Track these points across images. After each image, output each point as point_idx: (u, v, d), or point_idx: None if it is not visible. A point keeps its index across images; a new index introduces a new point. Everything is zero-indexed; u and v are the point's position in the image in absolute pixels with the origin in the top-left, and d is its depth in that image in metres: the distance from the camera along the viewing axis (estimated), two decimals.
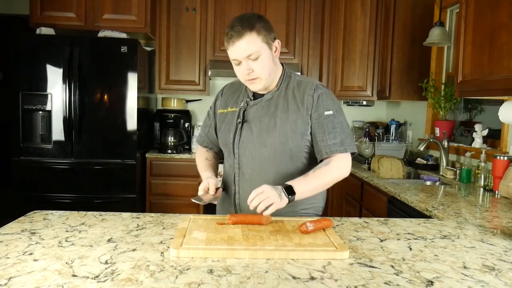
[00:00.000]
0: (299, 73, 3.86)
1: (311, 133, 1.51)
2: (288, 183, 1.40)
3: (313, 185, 1.44)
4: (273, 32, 1.49)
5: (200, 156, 1.73)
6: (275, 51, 1.50)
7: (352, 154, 1.53)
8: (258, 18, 1.45)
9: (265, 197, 1.32)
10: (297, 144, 1.50)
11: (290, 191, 1.37)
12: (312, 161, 1.55)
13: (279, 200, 1.34)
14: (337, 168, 1.48)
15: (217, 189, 1.50)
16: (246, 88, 1.60)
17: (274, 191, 1.34)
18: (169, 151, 3.75)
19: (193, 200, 1.45)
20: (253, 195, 1.33)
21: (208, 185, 1.49)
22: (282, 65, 1.58)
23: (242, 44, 1.40)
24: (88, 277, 0.95)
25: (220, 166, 1.74)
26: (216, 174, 1.65)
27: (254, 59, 1.43)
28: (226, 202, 1.62)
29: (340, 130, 1.49)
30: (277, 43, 1.50)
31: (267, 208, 1.32)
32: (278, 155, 1.50)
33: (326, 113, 1.48)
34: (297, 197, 1.39)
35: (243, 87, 1.62)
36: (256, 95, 1.58)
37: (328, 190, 3.92)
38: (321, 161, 1.51)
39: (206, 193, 1.49)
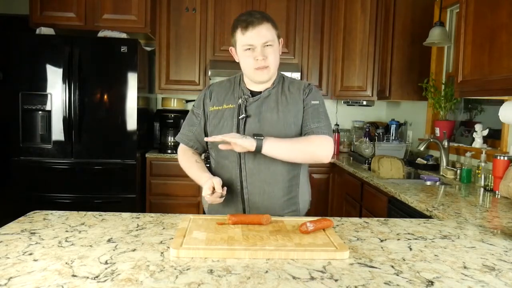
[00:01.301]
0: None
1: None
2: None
3: (286, 143, 1.48)
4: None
5: (188, 159, 1.67)
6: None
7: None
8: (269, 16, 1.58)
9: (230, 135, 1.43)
10: (299, 135, 1.57)
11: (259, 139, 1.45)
12: None
13: (244, 139, 1.41)
14: (314, 143, 1.52)
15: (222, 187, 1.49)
16: (240, 86, 1.63)
17: (240, 135, 1.45)
18: (169, 151, 3.75)
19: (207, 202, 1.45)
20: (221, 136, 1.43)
21: (213, 184, 1.46)
22: None
23: (262, 30, 1.50)
24: (88, 277, 0.95)
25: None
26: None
27: (269, 47, 1.51)
28: (229, 200, 1.61)
29: (323, 118, 1.58)
30: (281, 41, 1.60)
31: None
32: None
33: (313, 102, 1.59)
34: (267, 146, 1.44)
35: (235, 85, 1.65)
36: (252, 93, 1.61)
37: (328, 190, 3.89)
38: None
39: (212, 193, 1.46)
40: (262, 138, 1.44)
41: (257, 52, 1.50)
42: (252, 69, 1.53)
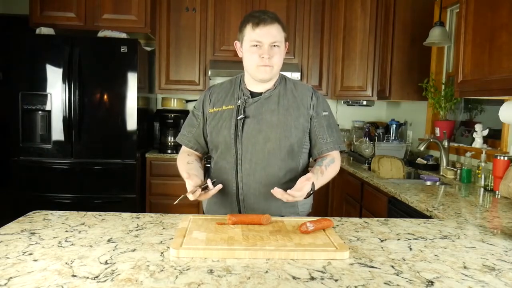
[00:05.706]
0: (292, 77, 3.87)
1: (310, 130, 1.61)
2: (312, 179, 1.43)
3: (325, 181, 1.57)
4: None
5: (181, 160, 1.65)
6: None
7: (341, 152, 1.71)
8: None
9: (302, 186, 1.39)
10: (299, 139, 1.58)
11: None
12: (308, 157, 1.67)
13: (301, 197, 1.41)
14: (338, 165, 1.64)
15: (203, 187, 1.43)
16: (240, 86, 1.61)
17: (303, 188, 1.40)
18: (169, 151, 3.75)
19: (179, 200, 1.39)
20: (304, 179, 1.40)
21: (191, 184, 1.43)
22: None
23: (273, 30, 1.51)
24: (88, 277, 0.95)
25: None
26: (201, 174, 1.57)
27: (276, 47, 1.52)
28: (225, 201, 1.61)
29: (335, 130, 1.65)
30: (287, 44, 1.60)
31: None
32: (282, 149, 1.55)
33: (323, 113, 1.62)
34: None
35: (236, 86, 1.63)
36: (253, 94, 1.60)
37: (328, 190, 3.90)
38: (315, 158, 1.65)
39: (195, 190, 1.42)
40: (314, 189, 1.44)
41: (264, 50, 1.50)
42: (256, 66, 1.52)
